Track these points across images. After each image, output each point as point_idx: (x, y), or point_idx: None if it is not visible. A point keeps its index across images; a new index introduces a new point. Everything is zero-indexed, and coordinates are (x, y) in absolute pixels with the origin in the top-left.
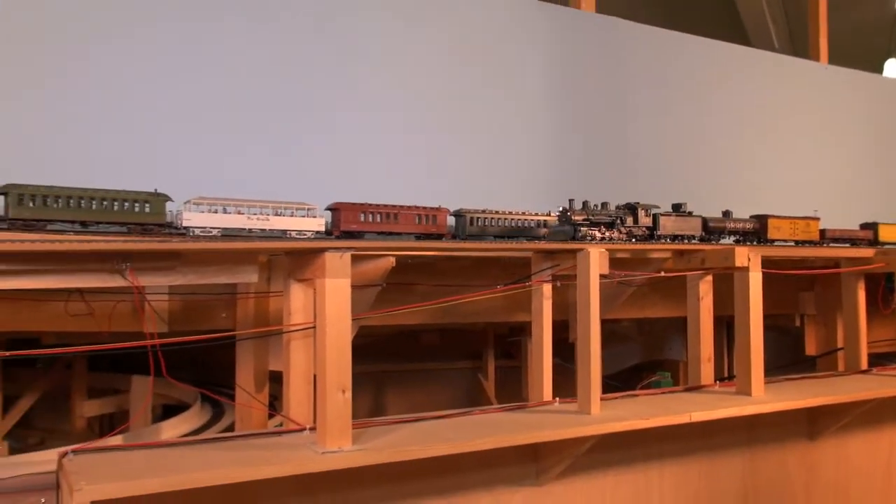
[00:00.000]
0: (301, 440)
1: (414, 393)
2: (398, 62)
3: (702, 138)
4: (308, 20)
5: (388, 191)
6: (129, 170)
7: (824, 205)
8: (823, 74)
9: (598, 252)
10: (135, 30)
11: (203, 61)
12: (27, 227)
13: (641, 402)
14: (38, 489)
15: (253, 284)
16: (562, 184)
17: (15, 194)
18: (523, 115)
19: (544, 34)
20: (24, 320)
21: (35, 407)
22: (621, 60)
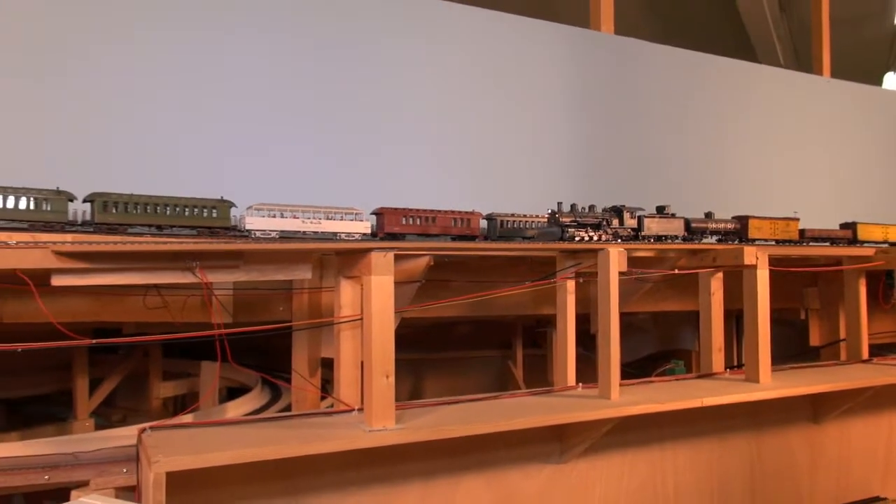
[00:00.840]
0: (350, 420)
1: (449, 378)
2: (432, 82)
3: (713, 149)
4: (355, 45)
5: (426, 196)
6: (199, 178)
7: (829, 209)
8: (826, 87)
9: (618, 251)
10: (204, 56)
11: (262, 86)
12: (111, 231)
13: (657, 388)
14: (121, 461)
15: (307, 281)
16: (582, 191)
17: (100, 201)
18: (547, 129)
19: (567, 55)
20: (108, 312)
21: (117, 388)
22: (638, 79)
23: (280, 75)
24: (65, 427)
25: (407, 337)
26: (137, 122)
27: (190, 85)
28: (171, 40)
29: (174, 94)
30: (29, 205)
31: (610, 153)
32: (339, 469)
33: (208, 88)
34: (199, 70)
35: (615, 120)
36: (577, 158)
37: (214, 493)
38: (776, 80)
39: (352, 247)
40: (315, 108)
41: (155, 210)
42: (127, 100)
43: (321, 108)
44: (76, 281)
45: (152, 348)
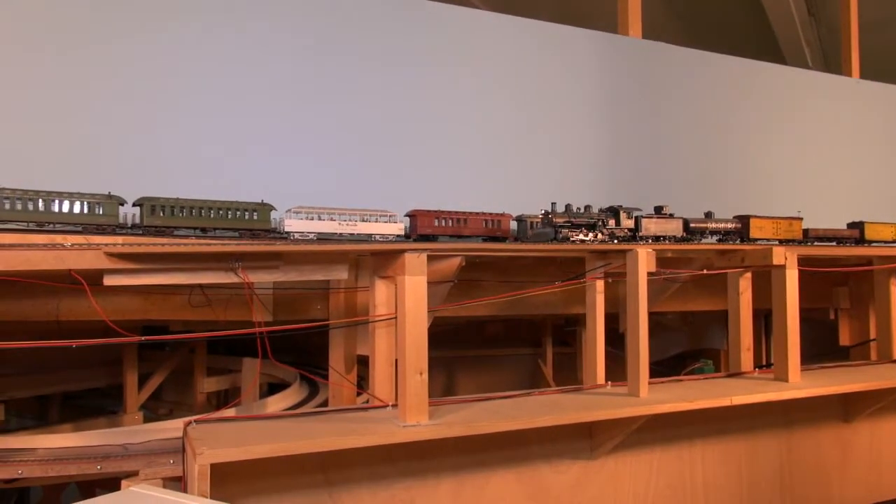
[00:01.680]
0: (385, 415)
1: (481, 376)
2: (463, 89)
3: (740, 151)
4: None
5: (458, 199)
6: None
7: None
8: (855, 88)
9: (646, 252)
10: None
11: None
12: (158, 233)
13: (686, 387)
14: (168, 452)
15: (343, 280)
16: (611, 193)
17: (148, 205)
18: (576, 133)
19: (596, 60)
20: (155, 310)
21: (164, 383)
22: (666, 82)
23: (320, 85)
24: (115, 419)
25: (440, 335)
26: (183, 130)
27: (234, 94)
28: (218, 52)
29: (219, 103)
30: (83, 209)
31: (638, 156)
32: (373, 463)
33: (252, 98)
34: (243, 80)
35: (644, 123)
36: (607, 161)
37: (254, 484)
38: (804, 81)
39: (386, 248)
40: (351, 115)
41: (199, 213)
42: (174, 108)
43: (357, 115)
44: (127, 281)
45: (197, 345)
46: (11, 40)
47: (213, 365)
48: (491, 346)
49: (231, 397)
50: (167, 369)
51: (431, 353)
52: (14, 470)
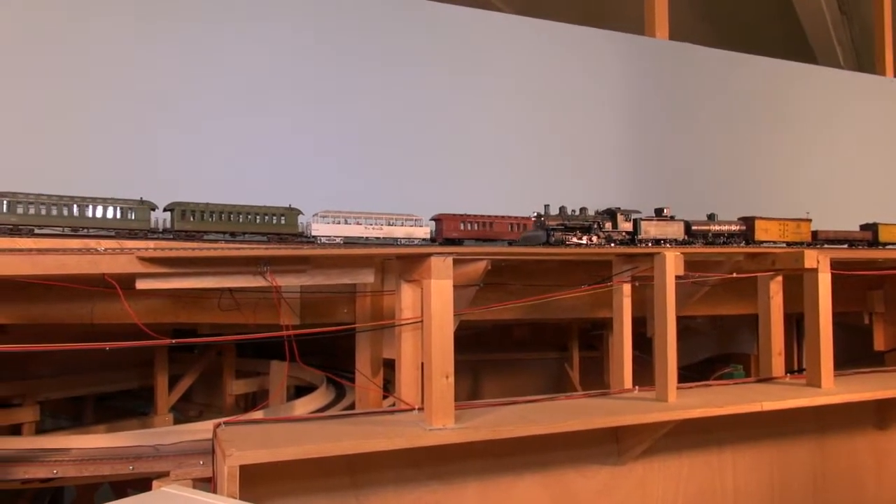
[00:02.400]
0: (411, 418)
1: (506, 379)
2: (490, 92)
3: (771, 152)
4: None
5: (484, 202)
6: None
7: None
8: (890, 87)
9: (674, 255)
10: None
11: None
12: (189, 237)
13: (715, 392)
14: (198, 454)
15: (370, 284)
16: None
17: (179, 210)
18: (603, 136)
19: (623, 62)
20: (185, 313)
21: (194, 385)
22: (694, 83)
23: (346, 90)
24: (147, 421)
25: (466, 338)
26: (210, 137)
27: (261, 100)
28: (243, 63)
29: (246, 110)
30: (116, 214)
31: (665, 158)
32: (399, 466)
33: (278, 104)
34: (270, 86)
35: (671, 125)
36: (633, 164)
37: (283, 485)
38: (837, 81)
39: (412, 251)
40: (377, 120)
41: (228, 218)
42: (203, 115)
43: (383, 119)
44: (158, 284)
45: (226, 348)
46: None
47: (242, 367)
48: (517, 350)
49: (259, 400)
50: (197, 371)
51: (457, 357)
52: (49, 469)
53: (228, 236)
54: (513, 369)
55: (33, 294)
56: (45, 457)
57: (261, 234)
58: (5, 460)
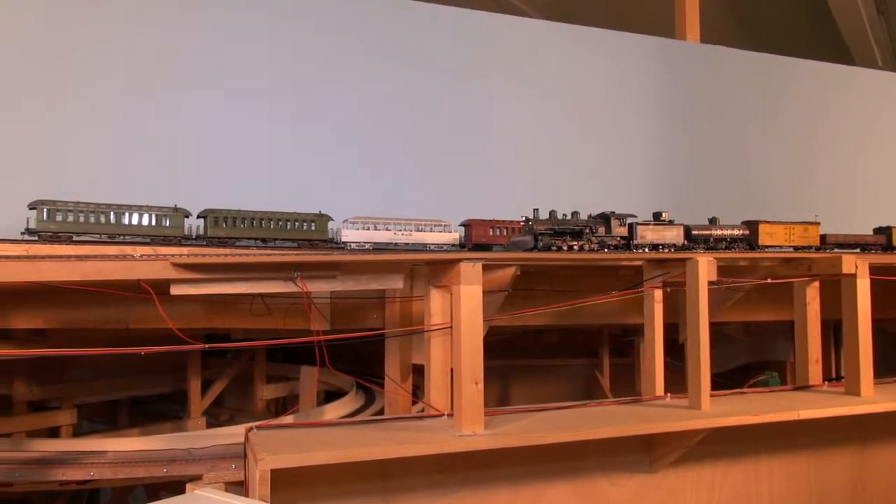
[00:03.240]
0: (440, 424)
1: (535, 386)
2: (520, 98)
3: (808, 154)
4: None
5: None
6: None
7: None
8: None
9: (707, 260)
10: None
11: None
12: (221, 244)
13: (750, 400)
14: (230, 457)
15: (399, 290)
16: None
17: (211, 217)
18: (634, 140)
19: (653, 66)
20: (218, 319)
21: (225, 389)
22: (726, 86)
23: (373, 98)
24: (180, 424)
25: (494, 344)
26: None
27: (290, 109)
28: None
29: (278, 117)
30: (151, 221)
31: (698, 162)
32: (429, 472)
33: (308, 112)
34: (298, 95)
35: (703, 129)
36: (665, 168)
37: (313, 490)
38: (875, 81)
39: (441, 257)
40: (405, 127)
41: (260, 224)
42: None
43: (411, 126)
44: (192, 290)
45: (257, 353)
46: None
47: (273, 372)
48: (546, 356)
49: (289, 404)
50: (229, 376)
51: (486, 363)
52: (87, 471)
53: (260, 242)
54: (542, 375)
55: (72, 299)
56: (82, 459)
57: (291, 240)
58: (44, 462)
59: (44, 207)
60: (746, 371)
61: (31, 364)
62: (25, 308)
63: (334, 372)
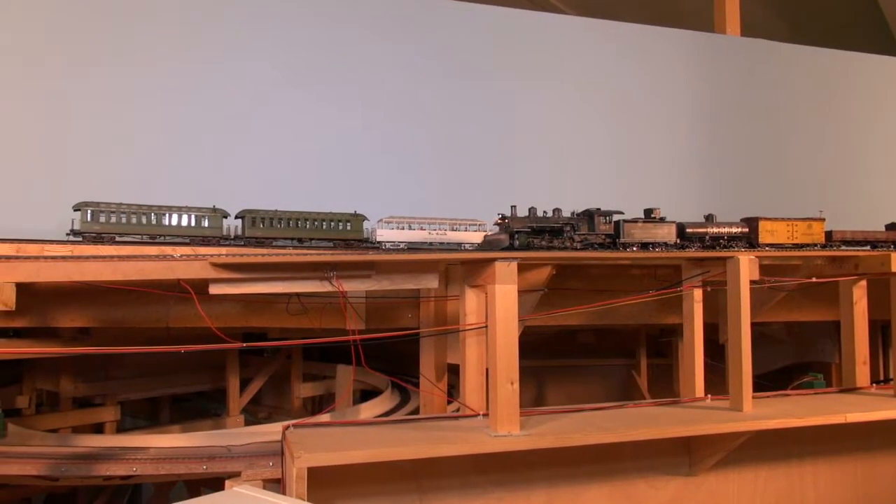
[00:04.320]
0: (475, 424)
1: (571, 386)
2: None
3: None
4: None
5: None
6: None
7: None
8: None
9: (748, 259)
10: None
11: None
12: (258, 244)
13: (794, 402)
14: (268, 455)
15: (434, 289)
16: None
17: (249, 217)
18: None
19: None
20: (256, 318)
21: (263, 388)
22: (769, 80)
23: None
24: (219, 422)
25: (529, 344)
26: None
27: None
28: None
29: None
30: (190, 221)
31: (740, 159)
32: (464, 472)
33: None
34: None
35: (745, 124)
36: (704, 164)
37: (349, 488)
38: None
39: (476, 256)
40: (438, 126)
41: (296, 224)
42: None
43: (445, 125)
44: (230, 290)
45: (294, 351)
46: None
47: (309, 371)
48: (582, 356)
49: (325, 403)
50: (266, 374)
51: (521, 363)
52: (129, 467)
53: (296, 242)
54: (578, 376)
55: (114, 299)
56: (124, 455)
57: (327, 240)
58: (89, 457)
59: (87, 209)
60: (789, 373)
61: (76, 362)
62: (71, 307)
63: (370, 371)
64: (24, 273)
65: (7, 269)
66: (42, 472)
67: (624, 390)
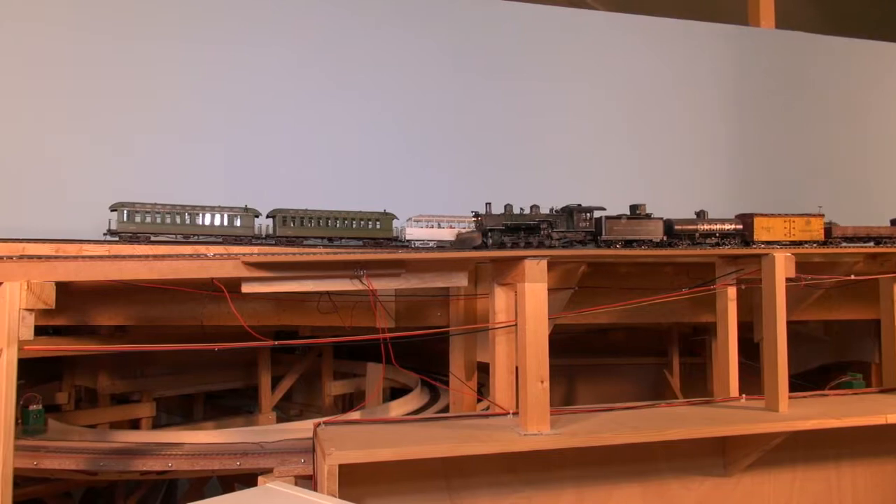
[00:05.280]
0: (505, 423)
1: (602, 385)
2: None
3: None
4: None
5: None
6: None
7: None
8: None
9: (784, 256)
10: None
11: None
12: (289, 243)
13: (832, 402)
14: (299, 452)
15: (463, 288)
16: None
17: (280, 217)
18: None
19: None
20: (287, 316)
21: (294, 385)
22: (805, 73)
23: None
24: (252, 418)
25: (559, 342)
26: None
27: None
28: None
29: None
30: (223, 221)
31: (776, 155)
32: (494, 471)
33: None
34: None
35: (780, 119)
36: (741, 160)
37: (380, 485)
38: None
39: (506, 254)
40: (467, 124)
41: (326, 223)
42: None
43: (474, 122)
44: (262, 288)
45: (325, 349)
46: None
47: (339, 369)
48: (612, 355)
49: (356, 400)
50: (297, 372)
51: (552, 361)
52: (165, 463)
53: (326, 241)
54: (608, 375)
55: (150, 297)
56: (161, 451)
57: (357, 239)
58: (127, 453)
59: (124, 209)
60: (826, 372)
61: (113, 359)
62: (108, 306)
63: (400, 369)
64: (64, 272)
65: (48, 268)
66: (81, 467)
67: (655, 390)
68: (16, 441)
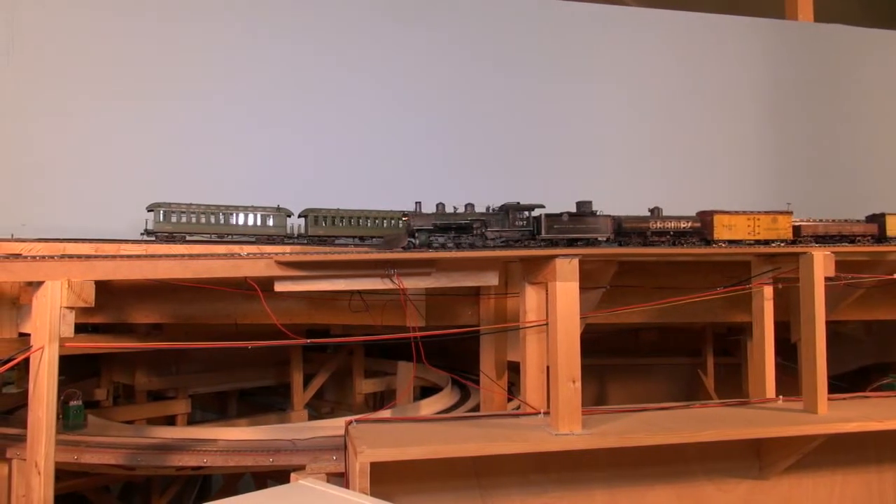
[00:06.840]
0: (536, 422)
1: (634, 385)
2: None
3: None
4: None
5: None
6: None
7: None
8: None
9: (823, 255)
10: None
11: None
12: (321, 242)
13: (873, 404)
14: (331, 449)
15: (493, 287)
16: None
17: (312, 216)
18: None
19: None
20: (319, 315)
21: (326, 383)
22: (845, 67)
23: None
24: (284, 416)
25: (591, 342)
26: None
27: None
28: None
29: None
30: (256, 221)
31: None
32: (525, 470)
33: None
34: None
35: (822, 115)
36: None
37: (410, 484)
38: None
39: (536, 253)
40: (497, 122)
41: (357, 223)
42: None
43: (503, 121)
44: (294, 287)
45: (356, 348)
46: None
47: (370, 367)
48: (645, 355)
49: (387, 399)
50: (329, 370)
51: (584, 361)
52: (200, 458)
53: (357, 240)
54: (640, 375)
55: (185, 296)
56: (196, 447)
57: None
58: (163, 448)
59: (160, 209)
60: (865, 374)
61: (150, 356)
62: (145, 304)
63: (430, 368)
64: (103, 271)
65: (87, 267)
66: (120, 462)
67: (689, 390)
68: (57, 436)
